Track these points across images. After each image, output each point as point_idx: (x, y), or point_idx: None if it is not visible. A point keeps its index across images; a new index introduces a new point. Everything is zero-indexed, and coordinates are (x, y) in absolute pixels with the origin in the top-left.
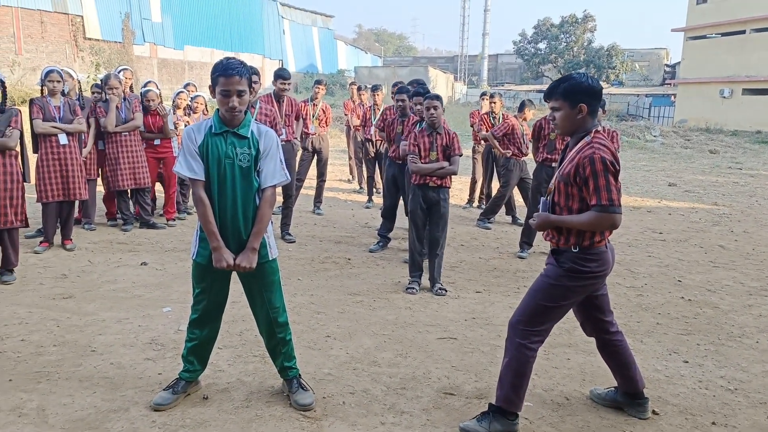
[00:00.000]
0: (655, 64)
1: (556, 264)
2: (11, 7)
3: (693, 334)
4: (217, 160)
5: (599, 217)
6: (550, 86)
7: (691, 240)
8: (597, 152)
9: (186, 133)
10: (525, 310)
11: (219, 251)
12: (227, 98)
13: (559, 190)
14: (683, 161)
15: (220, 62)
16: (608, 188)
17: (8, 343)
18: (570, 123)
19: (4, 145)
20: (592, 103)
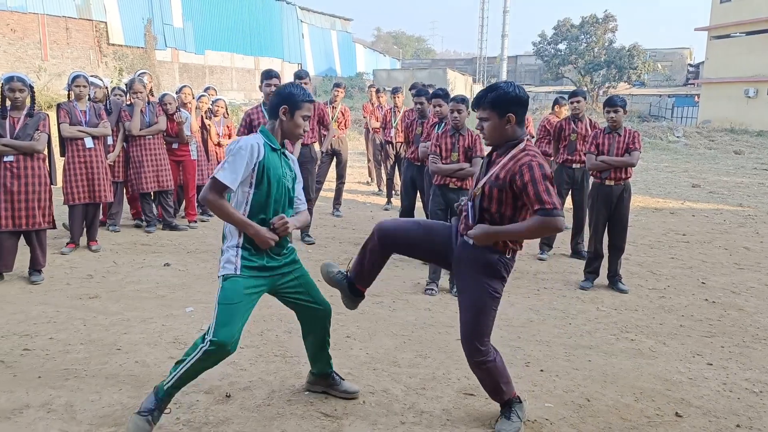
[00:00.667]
0: (678, 64)
1: (493, 272)
2: (37, 14)
3: (717, 336)
4: (277, 179)
5: (543, 221)
6: (477, 96)
7: (715, 241)
8: (534, 159)
9: (248, 144)
10: (479, 331)
11: (260, 233)
12: (306, 121)
13: (491, 197)
14: (707, 162)
15: (300, 88)
16: (549, 193)
17: (37, 341)
18: (499, 133)
19: (33, 148)
20: (519, 112)
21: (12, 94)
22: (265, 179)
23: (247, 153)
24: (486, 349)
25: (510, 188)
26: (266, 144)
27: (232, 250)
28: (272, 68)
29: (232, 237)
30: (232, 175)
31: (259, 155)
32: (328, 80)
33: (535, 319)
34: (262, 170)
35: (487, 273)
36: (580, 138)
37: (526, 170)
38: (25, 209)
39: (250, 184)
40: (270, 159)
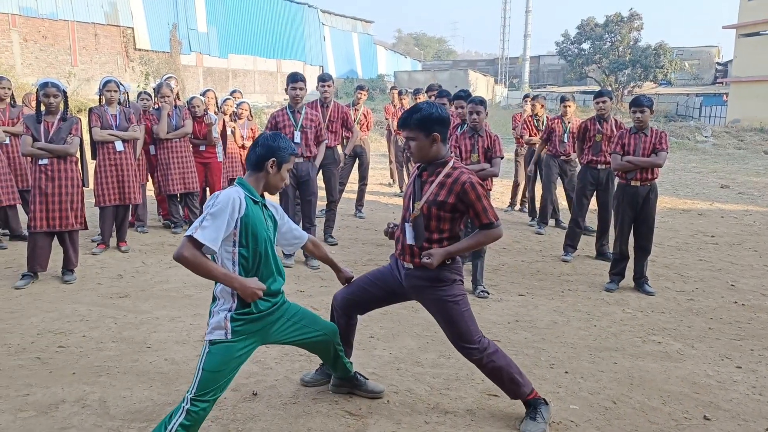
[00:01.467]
0: (705, 63)
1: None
2: (67, 21)
3: (746, 339)
4: (261, 232)
5: (489, 233)
6: (403, 116)
7: (744, 243)
8: (470, 177)
9: (229, 198)
10: (463, 334)
11: (246, 285)
12: (288, 173)
13: (430, 215)
14: (736, 162)
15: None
16: (490, 206)
17: (71, 339)
18: (426, 151)
19: (66, 151)
20: (443, 131)
21: (47, 99)
22: (250, 236)
23: (228, 208)
24: (480, 344)
25: (452, 207)
26: (247, 197)
27: (221, 314)
28: (297, 71)
29: (225, 301)
30: (211, 234)
31: (241, 210)
32: (350, 82)
33: (559, 321)
34: (246, 226)
35: (440, 286)
36: (605, 138)
37: (470, 189)
38: (59, 210)
39: (233, 243)
40: (253, 213)
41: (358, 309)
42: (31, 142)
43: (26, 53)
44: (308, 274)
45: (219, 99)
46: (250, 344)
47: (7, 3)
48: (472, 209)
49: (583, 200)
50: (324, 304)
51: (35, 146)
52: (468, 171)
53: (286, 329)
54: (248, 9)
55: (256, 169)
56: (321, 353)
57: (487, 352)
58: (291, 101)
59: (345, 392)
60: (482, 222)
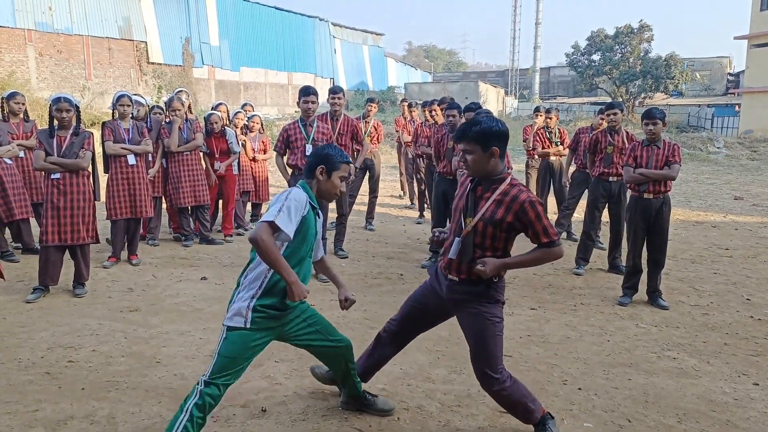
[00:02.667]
0: (717, 74)
1: (491, 299)
2: (82, 36)
3: (763, 355)
4: (312, 235)
5: (549, 252)
6: (462, 128)
7: (760, 256)
8: (529, 195)
9: (301, 197)
10: (488, 359)
11: (296, 284)
12: (343, 182)
13: (485, 233)
14: (750, 174)
15: (338, 149)
16: (550, 225)
17: (81, 354)
18: (483, 166)
19: (78, 165)
20: (501, 146)
21: (59, 114)
22: (302, 234)
23: (301, 205)
24: (500, 376)
25: (509, 225)
26: (308, 201)
27: (244, 302)
28: (310, 85)
29: (250, 288)
30: (290, 224)
31: (305, 210)
32: (360, 94)
33: (572, 336)
34: (303, 225)
35: (482, 302)
36: (616, 151)
37: (529, 208)
38: (71, 224)
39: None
40: (310, 216)
41: (410, 336)
42: (43, 157)
43: (42, 67)
44: (318, 288)
45: (230, 112)
46: (265, 336)
47: (24, 19)
48: (531, 229)
49: (594, 212)
50: (333, 318)
51: (48, 161)
52: (526, 189)
53: (301, 329)
54: (260, 22)
55: (309, 176)
56: (332, 365)
57: (506, 385)
58: (303, 114)
59: (354, 409)
60: (542, 241)
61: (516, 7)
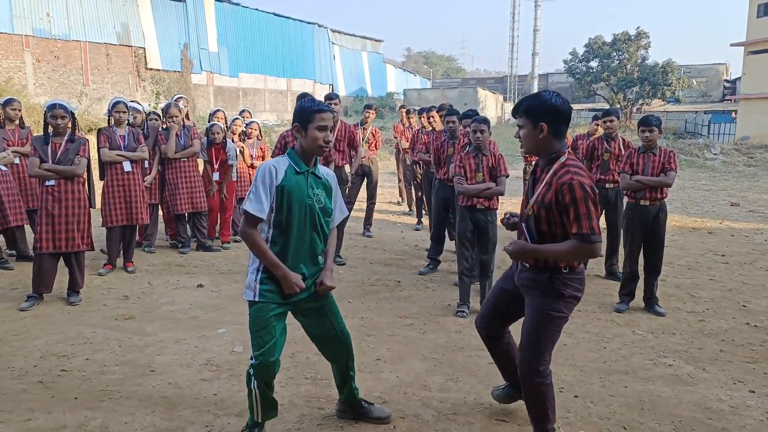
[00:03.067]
0: (713, 80)
1: (551, 291)
2: (80, 42)
3: (760, 362)
4: (299, 200)
5: (579, 246)
6: (518, 102)
7: (756, 263)
8: (575, 177)
9: (265, 169)
10: (535, 349)
11: (288, 277)
12: (323, 132)
13: (539, 217)
14: (746, 180)
15: (312, 100)
16: (589, 216)
17: (74, 362)
18: (532, 142)
19: (73, 172)
20: (554, 124)
21: (54, 120)
22: (285, 203)
23: (261, 177)
24: (544, 369)
25: (554, 208)
26: (291, 166)
27: (252, 274)
28: (307, 93)
29: (255, 260)
30: (257, 205)
31: (278, 178)
32: (359, 100)
33: (568, 343)
34: (282, 194)
35: (542, 292)
36: (613, 157)
37: (567, 190)
38: (65, 232)
39: (271, 208)
40: (292, 182)
41: (498, 325)
42: (38, 164)
43: (39, 73)
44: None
45: (228, 118)
46: (278, 308)
47: (22, 25)
48: (565, 213)
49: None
50: None
51: (43, 167)
52: (577, 170)
53: (311, 307)
54: (259, 29)
55: (296, 138)
56: (333, 359)
57: (545, 381)
58: None
59: (350, 418)
60: (573, 231)
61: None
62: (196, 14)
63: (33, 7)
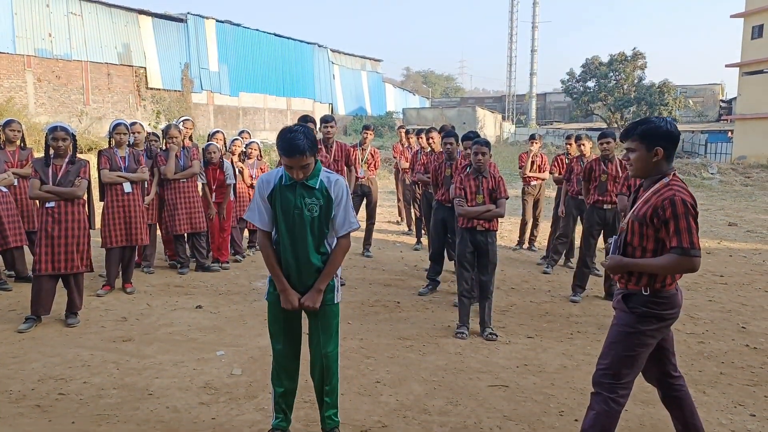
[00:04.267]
0: (709, 100)
1: (627, 310)
2: (81, 62)
3: (760, 385)
4: (286, 211)
5: (679, 260)
6: (628, 127)
7: (755, 284)
8: (678, 194)
9: (258, 182)
10: (608, 364)
11: (285, 293)
12: (291, 171)
13: (633, 230)
14: (744, 200)
15: (285, 140)
16: (689, 231)
17: (72, 386)
18: (644, 165)
19: (73, 194)
20: (668, 147)
21: (55, 142)
22: (278, 212)
23: (261, 189)
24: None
25: (651, 222)
26: (280, 178)
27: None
28: (307, 114)
29: None
30: (256, 216)
31: (269, 190)
32: (359, 119)
33: (568, 365)
34: (274, 203)
35: (624, 309)
36: (610, 178)
37: (668, 205)
38: (65, 253)
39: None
40: (282, 192)
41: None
42: (39, 185)
43: (40, 93)
44: None
45: (228, 139)
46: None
47: (24, 45)
48: (665, 226)
49: (590, 240)
50: None
51: (43, 189)
52: (680, 189)
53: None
54: (259, 48)
55: None
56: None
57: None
58: None
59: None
60: (672, 244)
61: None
62: (197, 34)
63: (35, 28)
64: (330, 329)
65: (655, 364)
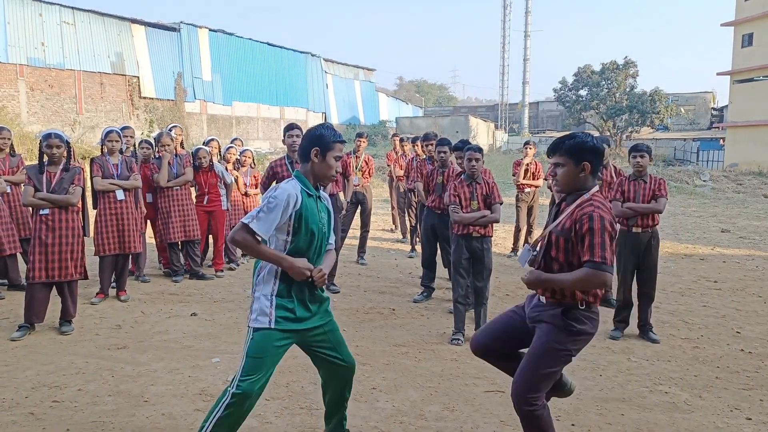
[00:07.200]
0: (701, 108)
1: (563, 325)
2: (74, 71)
3: (755, 389)
4: (314, 224)
5: (591, 274)
6: (555, 141)
7: (748, 289)
8: (597, 210)
9: (289, 193)
10: (530, 380)
11: (295, 265)
12: (337, 162)
13: (558, 246)
14: (736, 206)
15: (333, 129)
16: (603, 246)
17: (66, 393)
18: (572, 180)
19: (68, 201)
20: (595, 162)
21: (50, 150)
22: (303, 228)
23: (282, 203)
24: (534, 399)
25: (573, 237)
26: (303, 191)
27: (266, 300)
28: (294, 122)
29: (266, 284)
30: (265, 226)
31: (296, 204)
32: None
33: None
34: (300, 219)
35: (553, 325)
36: (605, 185)
37: (587, 220)
38: (59, 261)
39: (288, 233)
40: (307, 206)
41: (498, 354)
42: (32, 193)
43: (32, 102)
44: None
45: (222, 147)
46: (289, 338)
47: (16, 54)
48: (581, 241)
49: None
50: None
51: (37, 196)
52: (600, 205)
53: (320, 340)
54: (252, 58)
55: (304, 160)
56: (329, 384)
57: (537, 411)
58: (288, 150)
59: None
60: (585, 258)
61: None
62: (190, 43)
63: (28, 37)
64: (341, 337)
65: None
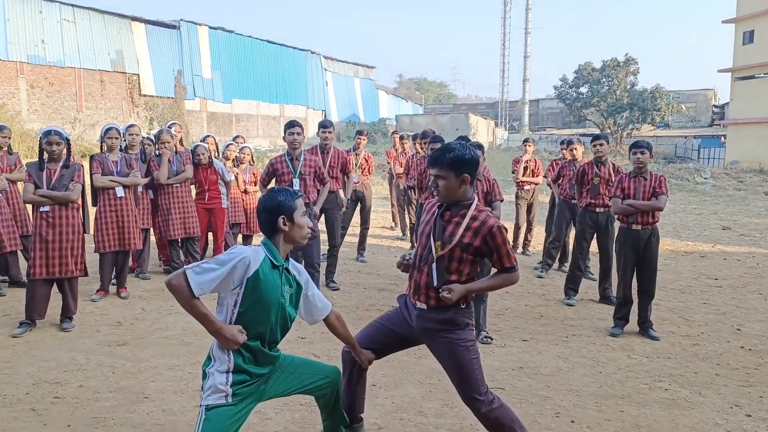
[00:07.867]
0: (702, 105)
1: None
2: (74, 68)
3: (755, 386)
4: (272, 298)
5: (509, 276)
6: (436, 155)
7: (749, 286)
8: (495, 222)
9: (240, 252)
10: (471, 383)
11: (224, 330)
12: (305, 216)
13: (452, 256)
14: (737, 204)
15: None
16: (508, 253)
17: (67, 389)
18: (454, 192)
19: (68, 198)
20: (472, 173)
21: (49, 147)
22: (255, 299)
23: (230, 264)
24: (485, 398)
25: (476, 249)
26: (267, 259)
27: (221, 376)
28: (295, 119)
29: (221, 361)
30: (202, 280)
31: (249, 271)
32: (352, 126)
33: (563, 368)
34: (251, 290)
35: (453, 329)
36: (603, 182)
37: (497, 233)
38: (59, 257)
39: (235, 303)
40: (266, 278)
41: (375, 354)
42: (33, 190)
43: (32, 99)
44: None
45: (221, 145)
46: (250, 404)
47: (16, 52)
48: (496, 253)
49: (582, 243)
50: (325, 351)
51: (37, 193)
52: (492, 214)
53: (283, 382)
54: (252, 55)
55: (272, 233)
56: (322, 398)
57: (493, 407)
58: (289, 147)
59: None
60: (504, 266)
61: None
62: (190, 41)
63: (28, 35)
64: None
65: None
